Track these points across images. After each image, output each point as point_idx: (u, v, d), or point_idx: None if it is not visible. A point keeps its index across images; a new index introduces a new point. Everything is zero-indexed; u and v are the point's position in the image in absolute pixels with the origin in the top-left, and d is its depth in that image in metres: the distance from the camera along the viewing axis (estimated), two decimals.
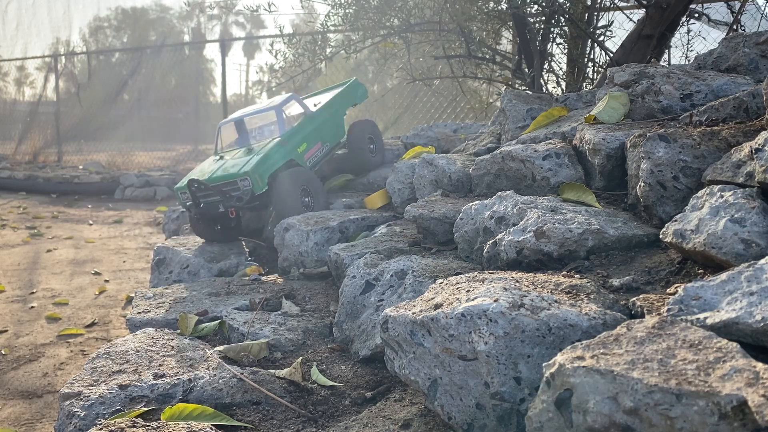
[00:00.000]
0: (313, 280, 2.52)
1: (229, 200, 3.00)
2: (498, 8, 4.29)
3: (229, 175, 2.99)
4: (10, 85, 17.41)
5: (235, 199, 3.00)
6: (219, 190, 3.00)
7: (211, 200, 3.04)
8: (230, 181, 2.98)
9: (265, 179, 3.01)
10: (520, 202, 1.78)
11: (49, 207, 7.96)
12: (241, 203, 2.98)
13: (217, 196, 3.01)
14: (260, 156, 3.05)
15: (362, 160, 3.72)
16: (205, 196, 3.04)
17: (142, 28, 30.92)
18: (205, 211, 3.07)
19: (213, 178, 3.03)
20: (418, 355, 1.25)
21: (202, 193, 3.05)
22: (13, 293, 3.88)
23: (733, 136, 1.62)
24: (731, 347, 0.87)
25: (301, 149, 3.28)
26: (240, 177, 2.96)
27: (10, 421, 2.24)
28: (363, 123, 3.85)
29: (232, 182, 2.99)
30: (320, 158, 3.49)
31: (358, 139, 3.72)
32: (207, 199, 3.05)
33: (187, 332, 2.03)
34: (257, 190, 2.97)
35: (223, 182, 3.00)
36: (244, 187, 2.97)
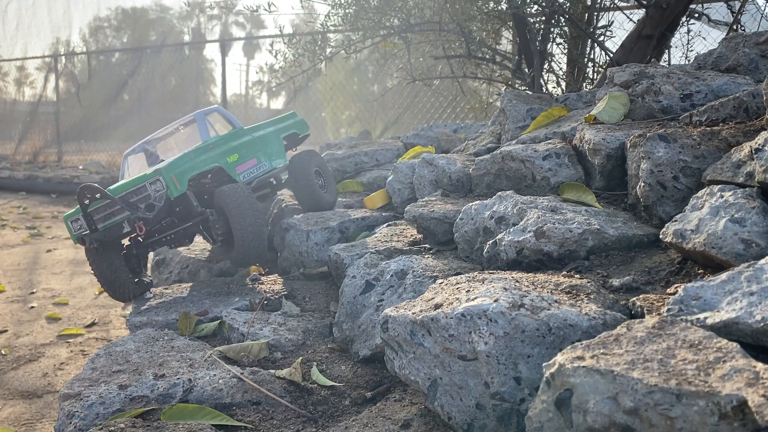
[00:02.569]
0: (313, 280, 2.52)
1: (135, 211, 2.35)
2: (498, 8, 4.29)
3: (136, 179, 2.39)
4: (10, 85, 17.40)
5: (144, 207, 2.35)
6: (122, 201, 2.34)
7: (115, 221, 2.37)
8: (138, 187, 2.36)
9: (184, 181, 2.39)
10: (520, 202, 1.78)
11: (49, 207, 7.96)
12: (152, 212, 2.33)
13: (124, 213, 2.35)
14: (175, 157, 2.49)
15: (313, 198, 3.00)
16: (105, 218, 2.37)
17: (142, 28, 30.90)
18: (105, 237, 2.37)
19: (114, 189, 2.39)
20: (418, 355, 1.25)
21: (103, 213, 2.37)
22: (13, 293, 3.88)
23: (733, 136, 1.62)
24: (731, 347, 0.87)
25: (231, 159, 2.71)
26: (150, 179, 2.36)
27: (10, 421, 2.24)
28: (307, 154, 3.13)
29: (140, 188, 2.36)
30: (257, 176, 2.88)
31: (304, 173, 3.00)
32: (106, 223, 2.38)
33: (187, 332, 2.03)
34: (173, 192, 2.35)
35: (130, 190, 2.37)
36: (156, 191, 2.36)
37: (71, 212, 2.46)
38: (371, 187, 3.56)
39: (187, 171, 2.43)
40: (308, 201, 3.00)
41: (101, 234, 2.38)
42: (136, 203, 2.36)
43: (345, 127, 11.81)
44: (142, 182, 2.36)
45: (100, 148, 12.28)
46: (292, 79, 4.85)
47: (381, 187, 3.36)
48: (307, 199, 3.00)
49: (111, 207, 2.37)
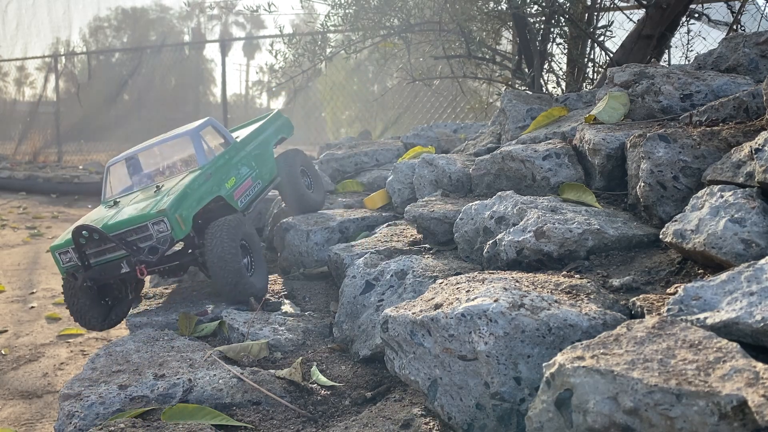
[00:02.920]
0: (313, 280, 2.52)
1: (137, 253, 2.13)
2: (498, 8, 4.29)
3: (138, 217, 2.14)
4: (10, 85, 17.41)
5: (147, 250, 2.14)
6: (122, 241, 2.13)
7: (111, 257, 2.18)
8: (139, 225, 2.14)
9: (189, 220, 2.20)
10: (520, 202, 1.78)
11: (49, 207, 7.96)
12: (155, 256, 2.13)
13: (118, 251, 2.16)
14: (179, 191, 2.23)
15: (300, 199, 2.91)
16: (99, 254, 2.18)
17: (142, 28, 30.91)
18: (100, 276, 2.19)
19: (111, 225, 2.15)
20: (418, 355, 1.25)
21: (96, 249, 2.17)
22: (13, 293, 3.88)
23: (733, 136, 1.62)
24: (731, 347, 0.87)
25: (229, 185, 2.49)
26: (153, 219, 2.12)
27: (10, 421, 2.24)
28: (292, 154, 3.01)
29: (141, 227, 2.14)
30: (252, 198, 2.68)
31: (290, 174, 2.89)
32: (100, 259, 2.19)
33: (187, 332, 2.03)
34: (178, 234, 2.15)
35: (128, 228, 2.14)
36: (160, 233, 2.14)
37: (59, 243, 2.23)
38: (371, 187, 3.56)
39: (192, 209, 2.25)
40: (295, 202, 2.93)
41: (96, 272, 2.18)
42: (136, 242, 2.16)
43: (345, 127, 11.81)
44: (144, 221, 2.14)
45: (100, 148, 12.28)
46: (292, 79, 4.85)
47: (381, 187, 3.36)
48: (294, 200, 2.92)
49: (104, 244, 2.18)
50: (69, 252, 2.21)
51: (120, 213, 2.24)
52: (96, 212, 2.43)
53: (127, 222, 2.15)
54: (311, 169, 3.13)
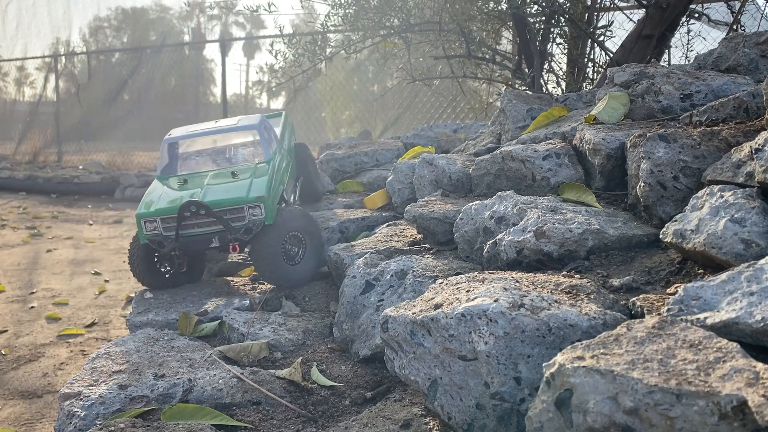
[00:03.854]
0: (313, 280, 2.52)
1: (234, 231, 2.30)
2: (498, 8, 4.29)
3: (236, 199, 2.31)
4: (10, 85, 17.41)
5: (243, 230, 2.30)
6: (222, 220, 2.31)
7: (198, 231, 2.33)
8: (236, 207, 2.31)
9: (275, 209, 2.39)
10: (520, 202, 1.78)
11: (49, 207, 7.96)
12: (249, 236, 2.30)
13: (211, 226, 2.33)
14: (267, 182, 2.41)
15: (311, 190, 3.18)
16: (187, 227, 2.34)
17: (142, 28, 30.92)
18: (189, 246, 2.35)
19: (214, 202, 2.31)
20: (418, 355, 1.25)
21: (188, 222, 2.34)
22: (13, 293, 3.88)
23: (733, 136, 1.62)
24: (731, 347, 0.87)
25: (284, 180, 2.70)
26: (250, 203, 2.30)
27: (10, 421, 2.24)
28: (301, 147, 3.21)
29: (237, 209, 2.31)
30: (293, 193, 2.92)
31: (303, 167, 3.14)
32: (188, 231, 2.34)
33: (187, 332, 2.03)
34: (270, 220, 2.32)
35: (226, 207, 2.32)
36: (253, 216, 2.31)
37: (145, 212, 2.38)
38: (371, 187, 3.56)
39: (276, 198, 2.45)
40: (308, 192, 3.22)
41: (185, 243, 2.34)
42: (230, 221, 2.32)
43: (345, 127, 11.81)
44: (242, 204, 2.31)
45: (100, 148, 12.28)
46: (292, 79, 4.85)
47: (381, 187, 3.36)
48: (308, 190, 3.21)
49: (197, 218, 2.33)
50: (156, 221, 2.36)
51: (211, 192, 2.38)
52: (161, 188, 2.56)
53: (226, 201, 2.31)
54: (312, 162, 3.35)
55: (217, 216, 2.29)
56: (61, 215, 7.28)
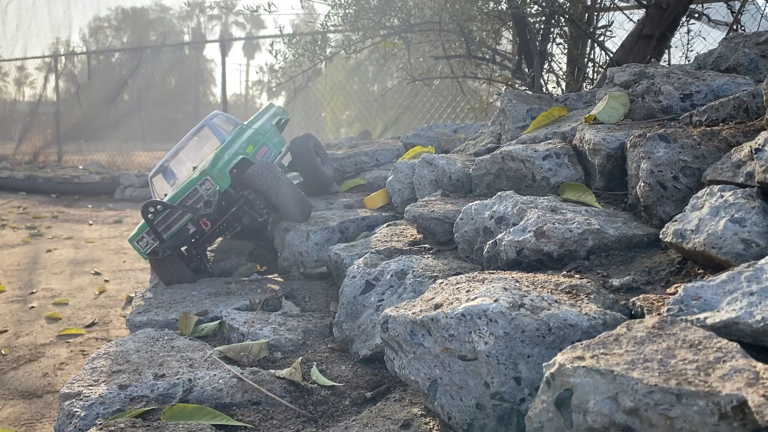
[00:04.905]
0: (313, 280, 2.52)
1: (196, 211, 2.61)
2: (498, 8, 4.28)
3: (187, 184, 2.63)
4: (10, 85, 17.42)
5: (203, 205, 2.63)
6: (183, 207, 2.61)
7: (177, 227, 2.64)
8: (191, 191, 2.62)
9: (227, 174, 2.68)
10: (520, 202, 1.78)
11: (49, 207, 7.96)
12: (211, 208, 2.62)
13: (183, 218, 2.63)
14: (212, 157, 2.74)
15: (317, 176, 3.39)
16: (167, 228, 2.64)
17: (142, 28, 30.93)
18: (175, 243, 2.67)
19: (170, 198, 2.64)
20: (418, 355, 1.25)
21: (164, 225, 2.63)
22: (13, 293, 3.88)
23: (733, 136, 1.62)
24: (731, 347, 0.87)
25: (249, 150, 2.98)
26: (199, 181, 2.61)
27: (10, 421, 2.24)
28: (304, 137, 3.47)
29: (192, 192, 2.62)
30: (272, 159, 3.20)
31: (305, 153, 3.36)
32: (170, 231, 2.64)
33: (187, 332, 2.03)
34: (222, 185, 2.62)
35: (184, 196, 2.62)
36: (207, 190, 2.62)
37: (134, 234, 2.68)
38: (371, 187, 3.55)
39: (225, 165, 2.70)
40: (313, 178, 3.39)
41: (171, 242, 2.64)
42: (193, 205, 2.62)
43: (345, 127, 11.81)
44: (193, 186, 2.61)
45: (100, 148, 12.28)
46: (292, 79, 4.85)
47: (381, 187, 3.36)
48: (311, 175, 3.38)
49: (169, 217, 2.63)
50: (144, 237, 2.66)
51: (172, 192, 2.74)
52: None
53: (181, 191, 2.63)
54: (321, 150, 3.58)
55: (174, 206, 2.59)
56: (61, 215, 7.28)
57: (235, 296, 2.35)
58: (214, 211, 2.64)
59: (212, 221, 2.66)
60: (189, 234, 2.66)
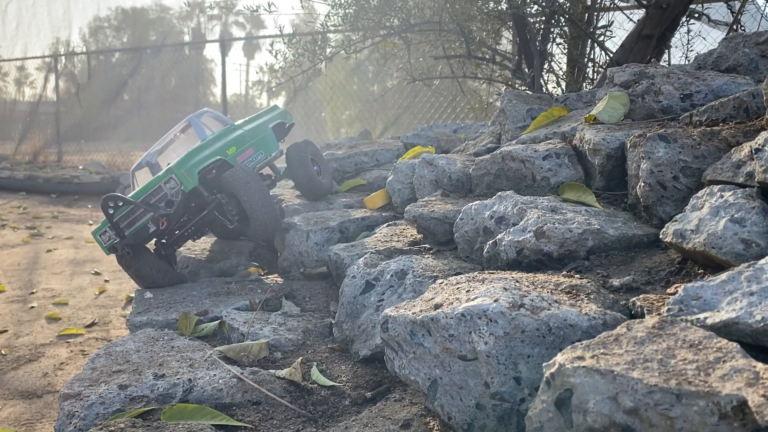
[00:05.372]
0: (313, 280, 2.52)
1: (156, 209, 2.52)
2: (498, 8, 4.29)
3: (152, 182, 2.56)
4: (10, 85, 17.42)
5: (164, 204, 2.53)
6: (144, 204, 2.52)
7: (139, 225, 2.56)
8: (155, 189, 2.53)
9: (194, 174, 2.57)
10: (520, 202, 1.78)
11: (49, 207, 7.96)
12: (172, 208, 2.51)
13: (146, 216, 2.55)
14: (182, 156, 2.65)
15: (312, 186, 3.26)
16: (130, 224, 2.55)
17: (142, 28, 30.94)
18: (134, 241, 2.57)
19: (133, 195, 2.56)
20: (418, 355, 1.25)
21: (126, 221, 2.55)
22: (13, 293, 3.88)
23: (733, 136, 1.62)
24: (731, 347, 0.87)
25: (230, 151, 2.85)
26: (164, 179, 2.53)
27: (10, 421, 2.24)
28: (302, 144, 3.35)
29: (156, 190, 2.54)
30: (255, 164, 3.04)
31: (301, 162, 3.23)
32: (132, 228, 2.56)
33: (187, 332, 2.03)
34: (187, 186, 2.53)
35: (148, 193, 2.54)
36: (171, 189, 2.52)
37: (97, 227, 2.63)
38: (371, 187, 3.55)
39: (195, 165, 2.62)
40: (307, 187, 3.25)
41: (130, 239, 2.57)
42: (156, 203, 2.54)
43: (345, 127, 11.81)
44: (157, 183, 2.54)
45: (100, 148, 12.28)
46: (292, 79, 4.85)
47: (381, 187, 3.36)
48: (306, 185, 3.25)
49: (133, 213, 2.55)
50: (107, 231, 2.60)
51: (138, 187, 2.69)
52: None
53: (144, 189, 2.55)
54: (320, 158, 3.45)
55: (133, 202, 2.52)
56: (61, 215, 7.28)
57: (235, 296, 2.35)
58: (176, 212, 2.54)
59: (170, 221, 2.55)
60: (149, 233, 2.57)
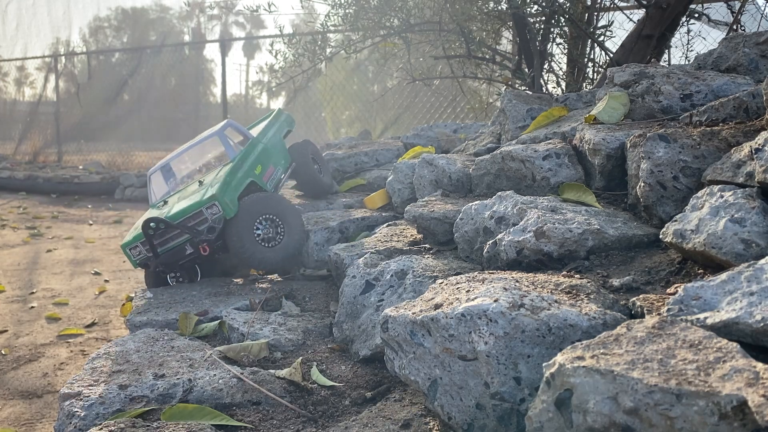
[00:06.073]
0: (313, 280, 2.52)
1: (198, 234, 2.52)
2: (498, 8, 4.28)
3: (193, 205, 2.52)
4: (10, 85, 17.43)
5: (206, 230, 2.52)
6: (185, 228, 2.53)
7: (174, 244, 2.58)
8: (195, 212, 2.52)
9: (235, 201, 2.57)
10: (520, 202, 1.78)
11: (49, 207, 7.96)
12: (213, 234, 2.52)
13: (182, 237, 2.56)
14: (222, 179, 2.61)
15: (314, 185, 3.37)
16: (163, 243, 2.58)
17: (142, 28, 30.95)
18: (169, 260, 2.59)
19: (173, 215, 2.54)
20: (418, 355, 1.25)
21: (160, 239, 2.58)
22: (13, 293, 3.88)
23: (733, 136, 1.62)
24: (731, 347, 0.87)
25: (258, 171, 2.87)
26: (206, 204, 2.51)
27: (10, 421, 2.24)
28: (303, 144, 3.42)
29: (197, 213, 2.52)
30: (278, 181, 3.08)
31: (303, 162, 3.31)
32: (166, 246, 2.59)
33: (187, 332, 2.03)
34: (229, 214, 2.52)
35: (188, 216, 2.53)
36: (213, 215, 2.51)
37: (128, 240, 2.65)
38: (371, 187, 3.56)
39: (236, 192, 2.62)
40: (310, 186, 3.38)
41: (165, 258, 2.59)
42: (195, 227, 2.54)
43: (345, 127, 11.81)
44: (199, 208, 2.52)
45: (100, 148, 12.28)
46: (292, 79, 4.85)
47: (381, 187, 3.36)
48: (309, 184, 3.37)
49: (168, 233, 2.57)
50: (138, 246, 2.63)
51: (176, 206, 2.63)
52: (150, 213, 2.82)
53: (186, 210, 2.53)
54: (320, 157, 3.55)
55: (177, 226, 2.52)
56: (61, 215, 7.28)
57: (235, 296, 2.35)
58: (216, 238, 2.54)
59: (211, 247, 2.55)
60: (185, 254, 2.58)
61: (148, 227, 2.53)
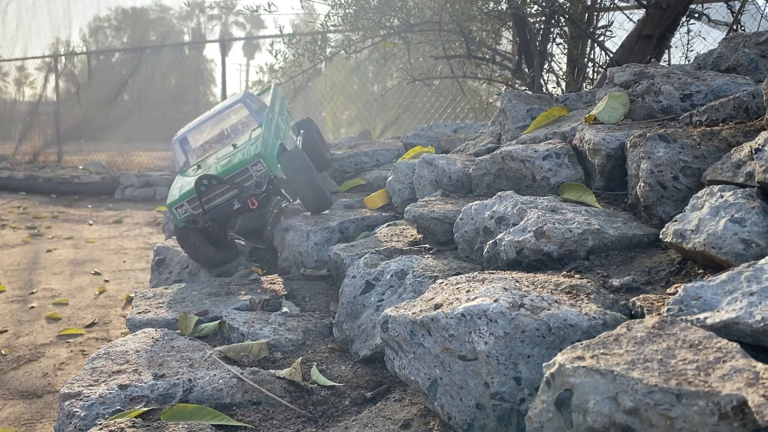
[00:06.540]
0: (313, 280, 2.52)
1: (247, 189, 2.69)
2: (498, 8, 4.28)
3: (240, 162, 2.69)
4: (10, 85, 17.43)
5: (254, 186, 2.70)
6: (234, 183, 2.68)
7: (219, 201, 2.72)
8: (242, 170, 2.69)
9: (276, 159, 2.77)
10: (520, 202, 1.78)
11: (49, 207, 7.96)
12: (261, 189, 2.70)
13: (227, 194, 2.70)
14: (260, 140, 2.79)
15: (320, 160, 3.60)
16: (209, 200, 2.72)
17: (142, 28, 30.94)
18: (217, 215, 2.74)
19: (222, 172, 2.69)
20: (418, 355, 1.25)
21: (206, 197, 2.72)
22: (13, 293, 3.88)
23: (733, 136, 1.62)
24: (731, 347, 0.87)
25: (281, 135, 3.07)
26: (252, 162, 2.68)
27: (10, 421, 2.24)
28: (307, 120, 3.70)
29: (243, 171, 2.69)
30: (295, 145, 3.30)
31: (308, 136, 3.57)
32: (212, 203, 2.72)
33: (187, 332, 2.03)
34: (273, 170, 2.71)
35: (235, 173, 2.69)
36: (258, 172, 2.70)
37: (175, 200, 2.73)
38: (371, 187, 3.55)
39: (275, 150, 2.81)
40: (317, 159, 3.54)
41: (214, 213, 2.71)
42: (242, 183, 2.69)
43: (345, 127, 11.81)
44: (245, 165, 2.67)
45: (100, 148, 12.28)
46: (292, 79, 4.85)
47: (381, 187, 3.35)
48: (316, 157, 3.54)
49: (214, 190, 2.70)
50: (184, 205, 2.72)
51: (220, 165, 2.75)
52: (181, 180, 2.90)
53: (233, 168, 2.67)
54: (319, 134, 3.78)
55: (227, 182, 2.66)
56: (61, 215, 7.28)
57: (235, 296, 2.35)
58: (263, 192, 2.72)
59: (260, 201, 2.72)
60: (233, 210, 2.72)
61: (201, 183, 2.63)
